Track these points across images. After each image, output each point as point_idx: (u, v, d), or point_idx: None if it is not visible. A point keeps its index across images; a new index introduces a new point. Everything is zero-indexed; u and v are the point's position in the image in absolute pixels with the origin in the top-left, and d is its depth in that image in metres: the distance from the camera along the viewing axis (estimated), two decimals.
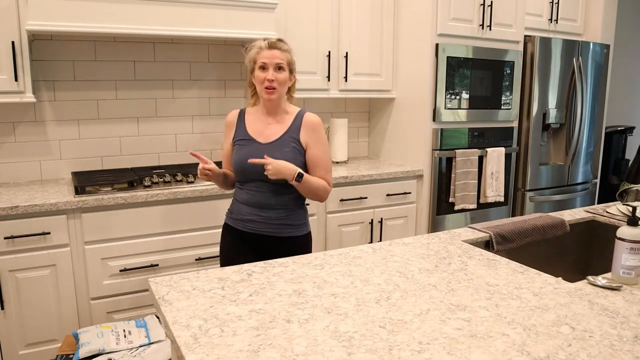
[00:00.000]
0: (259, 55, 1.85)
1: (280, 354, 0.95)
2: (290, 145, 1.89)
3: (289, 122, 1.92)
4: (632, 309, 1.16)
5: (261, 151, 1.86)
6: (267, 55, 1.84)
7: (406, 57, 3.23)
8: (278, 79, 1.85)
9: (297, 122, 1.92)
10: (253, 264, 1.44)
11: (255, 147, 1.88)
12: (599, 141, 3.87)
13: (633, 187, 2.20)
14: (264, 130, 1.91)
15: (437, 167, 3.13)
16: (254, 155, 1.84)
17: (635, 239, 1.31)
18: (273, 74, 1.83)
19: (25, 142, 2.66)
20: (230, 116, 2.00)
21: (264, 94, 1.85)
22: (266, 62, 1.83)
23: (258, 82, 1.86)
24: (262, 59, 1.84)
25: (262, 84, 1.85)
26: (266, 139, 1.90)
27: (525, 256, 1.86)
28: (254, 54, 1.87)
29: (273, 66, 1.84)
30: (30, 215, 2.17)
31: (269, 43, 1.86)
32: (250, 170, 1.86)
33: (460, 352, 0.96)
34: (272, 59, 1.84)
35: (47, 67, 2.64)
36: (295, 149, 1.89)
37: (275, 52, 1.85)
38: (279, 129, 1.91)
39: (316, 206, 2.82)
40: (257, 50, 1.86)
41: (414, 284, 1.30)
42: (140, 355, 1.95)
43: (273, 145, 1.88)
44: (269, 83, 1.84)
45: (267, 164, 1.77)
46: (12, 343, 2.22)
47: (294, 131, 1.91)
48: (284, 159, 1.82)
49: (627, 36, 4.84)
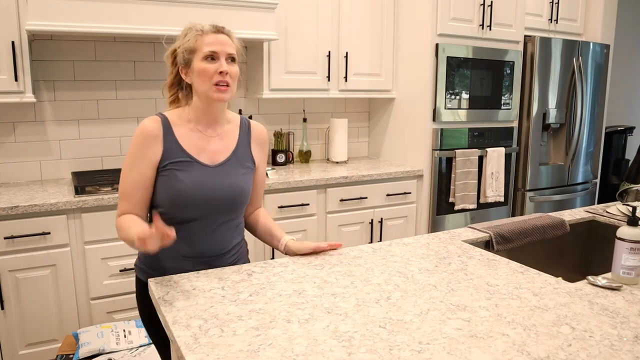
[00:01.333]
0: (200, 42, 1.37)
1: (280, 354, 0.95)
2: (246, 165, 1.49)
3: (234, 134, 1.49)
4: (632, 309, 1.16)
5: (210, 177, 1.41)
6: (214, 40, 1.37)
7: (406, 57, 3.23)
8: (232, 73, 1.39)
9: (245, 133, 1.52)
10: (253, 264, 1.44)
11: (201, 172, 1.40)
12: (599, 141, 3.87)
13: (633, 187, 2.20)
14: (206, 147, 1.43)
15: (437, 167, 3.13)
16: (202, 182, 1.39)
17: (635, 239, 1.31)
18: (226, 66, 1.37)
19: (25, 142, 2.66)
20: (150, 126, 1.39)
21: (214, 92, 1.37)
22: (216, 51, 1.36)
23: (204, 78, 1.37)
24: (209, 46, 1.36)
25: (210, 78, 1.36)
26: (212, 160, 1.43)
27: (525, 256, 1.86)
28: (192, 41, 1.38)
29: (225, 55, 1.38)
30: (30, 215, 2.17)
31: (214, 26, 1.41)
32: (202, 203, 1.39)
33: (460, 352, 0.96)
34: (223, 45, 1.38)
35: (47, 67, 2.64)
36: (250, 170, 1.51)
37: (223, 37, 1.39)
38: (225, 145, 1.47)
39: (316, 206, 2.82)
40: (196, 36, 1.38)
41: (414, 284, 1.30)
42: (140, 355, 1.95)
43: (224, 167, 1.44)
44: (222, 77, 1.36)
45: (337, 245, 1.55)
46: (12, 343, 2.22)
47: (245, 146, 1.50)
48: (240, 184, 1.45)
49: (627, 36, 4.83)
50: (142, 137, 1.38)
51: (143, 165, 1.38)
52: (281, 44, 2.90)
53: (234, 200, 1.45)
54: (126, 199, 1.39)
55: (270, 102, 3.26)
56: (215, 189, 1.41)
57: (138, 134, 1.39)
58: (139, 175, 1.38)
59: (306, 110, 3.39)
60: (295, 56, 2.97)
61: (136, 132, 1.39)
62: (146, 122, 1.41)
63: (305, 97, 3.13)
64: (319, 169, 3.08)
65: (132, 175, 1.38)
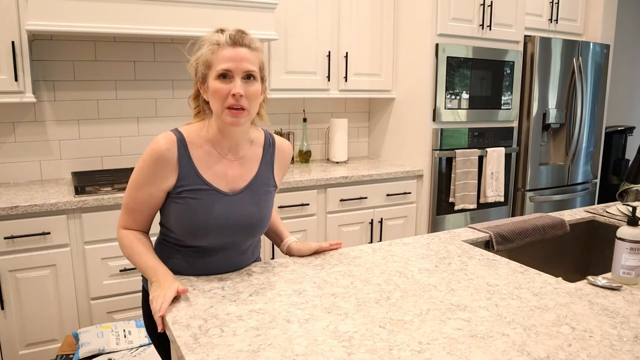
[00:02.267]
0: (216, 57, 1.22)
1: (280, 354, 0.95)
2: (267, 190, 1.37)
3: (257, 157, 1.36)
4: (632, 309, 1.16)
5: (228, 206, 1.29)
6: (230, 56, 1.21)
7: (406, 57, 3.23)
8: (248, 94, 1.22)
9: (269, 155, 1.39)
10: (253, 264, 1.44)
11: (218, 201, 1.28)
12: (599, 141, 3.87)
13: (633, 187, 2.20)
14: (226, 173, 1.31)
15: (437, 167, 3.13)
16: (219, 213, 1.28)
17: (635, 239, 1.31)
18: (241, 87, 1.21)
19: (25, 142, 2.66)
20: (164, 148, 1.24)
21: (227, 116, 1.22)
22: (230, 69, 1.21)
23: (216, 99, 1.22)
24: (222, 63, 1.21)
25: (222, 101, 1.21)
26: (231, 187, 1.31)
27: (525, 256, 1.86)
28: (208, 54, 1.23)
29: (240, 74, 1.21)
30: (30, 215, 2.17)
31: (232, 37, 1.23)
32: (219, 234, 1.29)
33: (460, 352, 0.96)
34: (239, 62, 1.21)
35: (47, 67, 2.64)
36: (271, 192, 1.40)
37: (243, 51, 1.22)
38: (246, 170, 1.34)
39: (316, 206, 2.82)
40: (212, 49, 1.23)
41: (414, 284, 1.30)
42: (140, 355, 1.95)
43: (243, 195, 1.32)
44: (235, 101, 1.21)
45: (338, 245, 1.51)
46: (12, 343, 2.22)
47: (267, 170, 1.38)
48: (260, 212, 1.34)
49: (627, 36, 4.83)
50: (154, 161, 1.24)
51: (153, 189, 1.26)
52: (281, 44, 2.90)
53: (252, 229, 1.35)
54: (131, 214, 1.30)
55: (270, 102, 3.23)
56: (233, 218, 1.30)
57: (150, 155, 1.24)
58: (146, 196, 1.27)
59: (306, 110, 3.39)
60: (295, 56, 2.97)
61: (148, 151, 1.24)
62: (160, 143, 1.24)
63: (305, 97, 3.12)
64: (319, 169, 3.08)
65: (140, 194, 1.27)
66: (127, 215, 1.31)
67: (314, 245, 1.51)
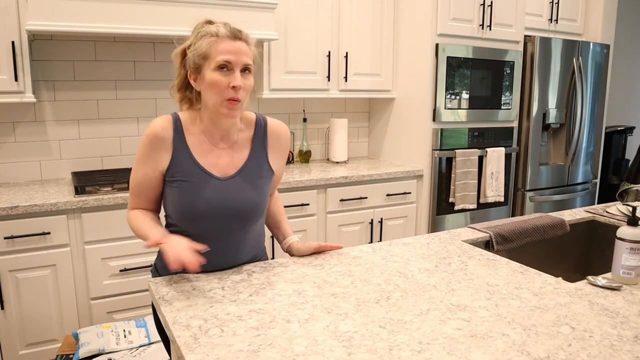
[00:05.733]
0: (215, 49, 1.24)
1: (280, 354, 0.95)
2: (261, 175, 1.38)
3: (248, 143, 1.38)
4: (632, 309, 1.16)
5: (221, 191, 1.31)
6: (230, 48, 1.23)
7: (406, 57, 3.23)
8: (246, 87, 1.26)
9: (260, 140, 1.39)
10: (253, 264, 1.44)
11: (211, 186, 1.31)
12: (599, 141, 3.87)
13: (633, 187, 2.20)
14: (217, 160, 1.34)
15: (437, 167, 3.13)
16: (212, 196, 1.30)
17: (635, 239, 1.31)
18: (241, 79, 1.24)
19: (25, 142, 2.66)
20: (160, 129, 1.29)
21: (225, 108, 1.25)
22: (231, 61, 1.23)
23: (214, 90, 1.24)
24: (223, 55, 1.23)
25: (222, 93, 1.24)
26: (223, 172, 1.33)
27: (525, 256, 1.86)
28: (205, 46, 1.24)
29: (240, 67, 1.25)
30: (30, 215, 2.17)
31: (232, 31, 1.26)
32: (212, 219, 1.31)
33: (460, 352, 0.96)
34: (239, 55, 1.24)
35: (47, 67, 2.64)
36: (267, 179, 1.40)
37: (241, 45, 1.25)
38: (238, 156, 1.36)
39: (316, 206, 2.82)
40: (211, 41, 1.24)
41: (414, 284, 1.30)
42: (140, 355, 1.95)
43: (235, 180, 1.34)
44: (234, 93, 1.24)
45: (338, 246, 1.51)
46: (12, 343, 2.22)
47: (259, 155, 1.39)
48: (253, 198, 1.35)
49: (627, 36, 4.83)
50: (149, 141, 1.29)
51: (149, 168, 1.32)
52: (281, 44, 2.90)
53: (246, 215, 1.35)
54: (135, 194, 1.37)
55: (270, 102, 3.26)
56: (226, 203, 1.32)
57: (147, 135, 1.30)
58: (144, 176, 1.33)
59: (306, 110, 3.39)
60: (295, 56, 2.97)
61: (145, 132, 1.31)
62: (156, 123, 1.30)
63: (305, 97, 3.12)
64: (319, 169, 3.08)
65: (138, 175, 1.34)
66: (132, 197, 1.38)
67: (314, 244, 1.51)
